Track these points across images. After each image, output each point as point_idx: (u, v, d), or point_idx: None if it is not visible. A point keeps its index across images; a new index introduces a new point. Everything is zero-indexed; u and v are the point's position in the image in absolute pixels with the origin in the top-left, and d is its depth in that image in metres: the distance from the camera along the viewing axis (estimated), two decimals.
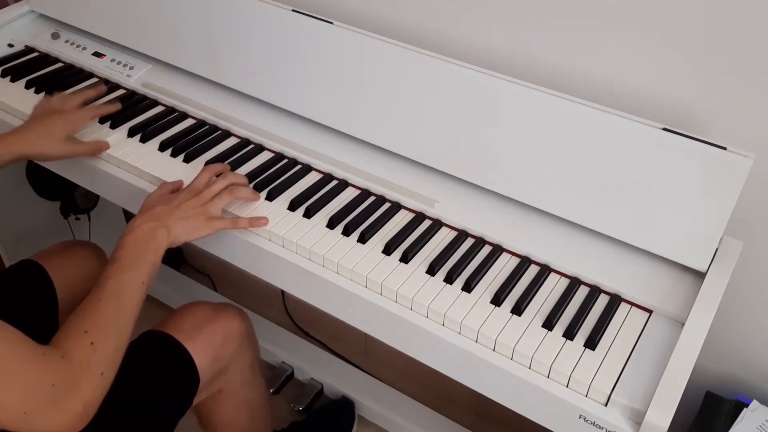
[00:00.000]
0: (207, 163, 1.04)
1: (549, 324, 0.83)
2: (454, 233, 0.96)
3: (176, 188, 0.97)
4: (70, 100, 1.08)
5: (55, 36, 1.33)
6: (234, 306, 1.10)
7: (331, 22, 1.06)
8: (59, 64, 1.29)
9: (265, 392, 1.22)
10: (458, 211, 0.97)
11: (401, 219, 0.97)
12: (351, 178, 1.03)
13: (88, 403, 0.74)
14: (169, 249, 0.89)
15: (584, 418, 0.76)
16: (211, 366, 1.01)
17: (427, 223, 0.97)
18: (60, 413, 0.71)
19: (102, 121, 1.13)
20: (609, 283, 0.88)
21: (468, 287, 0.87)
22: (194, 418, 1.16)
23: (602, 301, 0.87)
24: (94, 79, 1.24)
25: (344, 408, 1.50)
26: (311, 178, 1.04)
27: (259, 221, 0.94)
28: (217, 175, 0.99)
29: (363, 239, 0.93)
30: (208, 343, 1.01)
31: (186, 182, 0.98)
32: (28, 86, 1.21)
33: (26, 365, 0.69)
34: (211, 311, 1.05)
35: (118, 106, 1.13)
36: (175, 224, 0.89)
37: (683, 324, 0.81)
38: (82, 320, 0.78)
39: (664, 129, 0.86)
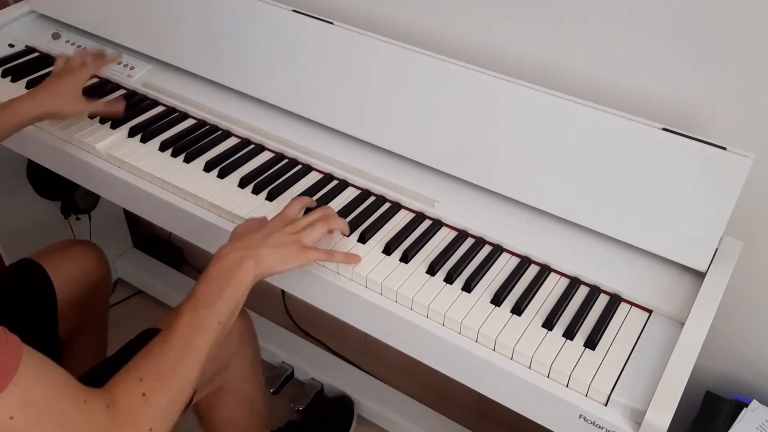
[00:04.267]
0: (208, 164, 1.05)
1: (549, 324, 0.83)
2: (454, 233, 0.96)
3: (263, 220, 0.90)
4: (71, 60, 1.13)
5: (55, 36, 1.33)
6: None
7: (331, 23, 1.06)
8: None
9: (265, 389, 1.22)
10: (458, 211, 0.97)
11: (401, 219, 0.97)
12: (351, 178, 1.03)
13: None
14: (170, 248, 0.89)
15: (584, 418, 0.76)
16: (211, 363, 1.01)
17: (427, 223, 0.97)
18: None
19: (102, 120, 1.13)
20: (609, 282, 0.88)
21: (468, 287, 0.87)
22: (194, 418, 1.16)
23: (602, 301, 0.87)
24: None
25: (342, 406, 1.50)
26: (311, 178, 1.04)
27: (354, 258, 0.89)
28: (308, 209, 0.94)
29: (363, 239, 0.93)
30: None
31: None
32: (28, 86, 1.21)
33: (64, 411, 0.63)
34: None
35: (123, 105, 1.13)
36: (267, 254, 0.82)
37: (683, 324, 0.81)
38: (141, 365, 0.71)
39: (664, 129, 0.87)
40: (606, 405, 0.76)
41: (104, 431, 0.65)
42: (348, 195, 1.01)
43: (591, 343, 0.81)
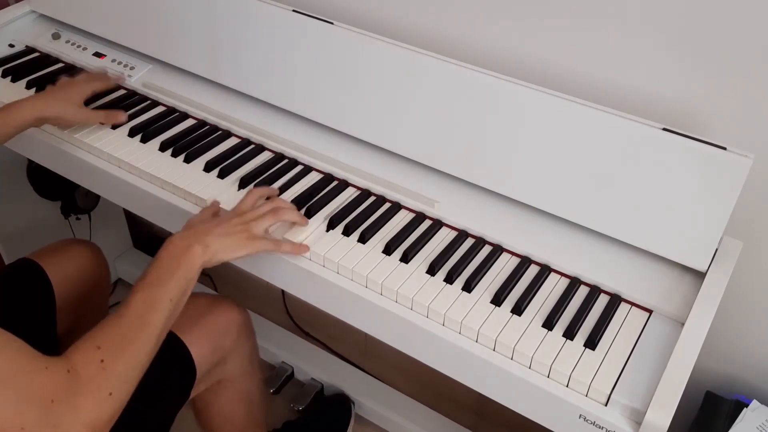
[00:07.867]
0: (209, 164, 1.05)
1: (549, 324, 0.83)
2: (454, 233, 0.96)
3: (216, 211, 0.94)
4: (82, 75, 1.16)
5: (55, 36, 1.33)
6: (231, 298, 1.10)
7: (331, 23, 1.07)
8: (60, 65, 1.29)
9: (262, 386, 1.22)
10: (458, 211, 0.97)
11: (401, 219, 0.97)
12: (351, 178, 1.03)
13: (92, 424, 0.68)
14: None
15: (584, 418, 0.76)
16: (209, 357, 1.01)
17: (427, 223, 0.97)
18: None
19: None
20: (609, 282, 0.88)
21: (468, 287, 0.87)
22: (192, 418, 1.16)
23: (602, 301, 0.87)
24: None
25: (340, 405, 1.49)
26: (312, 179, 1.04)
27: (301, 248, 0.91)
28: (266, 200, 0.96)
29: (363, 239, 0.93)
30: (205, 334, 1.01)
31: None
32: (28, 86, 1.22)
33: (24, 377, 0.65)
34: (208, 303, 1.05)
35: (124, 115, 1.13)
36: (213, 241, 0.84)
37: (683, 324, 0.81)
38: (98, 334, 0.74)
39: (664, 129, 0.87)
40: (606, 405, 0.76)
41: (66, 394, 0.67)
42: (348, 195, 1.01)
43: (591, 343, 0.81)
